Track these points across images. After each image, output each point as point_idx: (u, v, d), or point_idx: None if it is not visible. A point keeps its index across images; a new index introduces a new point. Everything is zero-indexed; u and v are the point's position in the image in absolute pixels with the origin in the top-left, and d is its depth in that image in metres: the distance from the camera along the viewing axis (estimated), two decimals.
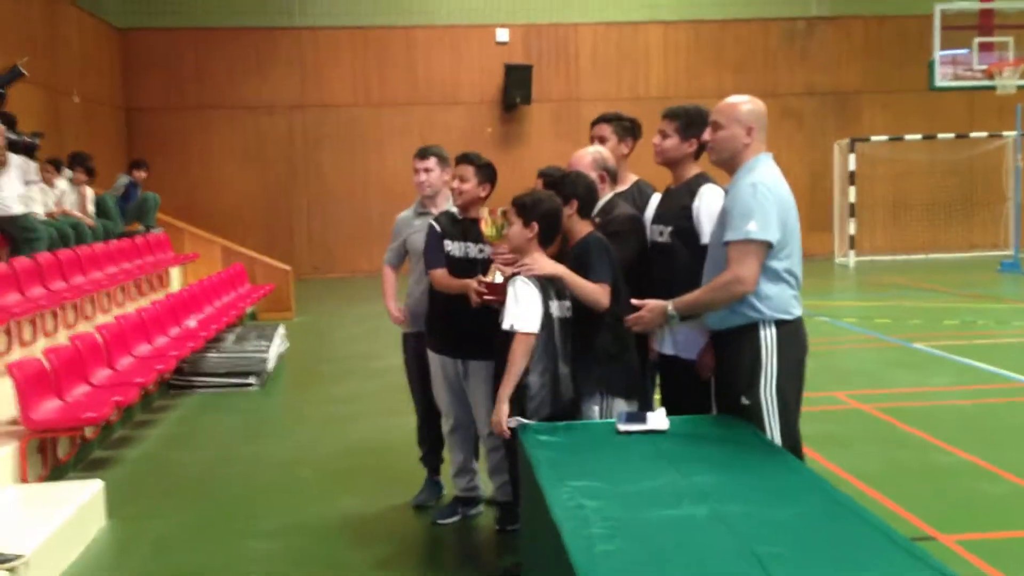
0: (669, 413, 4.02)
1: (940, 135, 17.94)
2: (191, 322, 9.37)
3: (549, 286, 3.88)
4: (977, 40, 15.90)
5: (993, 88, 15.83)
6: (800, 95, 18.66)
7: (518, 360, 3.75)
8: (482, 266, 4.75)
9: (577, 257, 4.02)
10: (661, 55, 18.69)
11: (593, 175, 4.43)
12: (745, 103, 3.71)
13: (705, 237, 4.04)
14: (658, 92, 18.58)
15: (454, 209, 4.96)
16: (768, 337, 3.56)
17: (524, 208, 3.98)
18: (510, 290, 3.88)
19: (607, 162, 4.54)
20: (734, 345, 3.62)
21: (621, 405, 4.08)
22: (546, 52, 18.54)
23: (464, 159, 4.82)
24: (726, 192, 3.77)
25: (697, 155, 4.23)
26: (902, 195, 18.62)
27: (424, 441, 5.50)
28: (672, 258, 4.14)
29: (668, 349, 4.22)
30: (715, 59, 18.67)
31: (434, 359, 4.94)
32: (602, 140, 4.86)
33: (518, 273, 4.25)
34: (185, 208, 16.19)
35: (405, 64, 18.41)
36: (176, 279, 12.13)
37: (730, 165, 3.72)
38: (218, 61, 17.99)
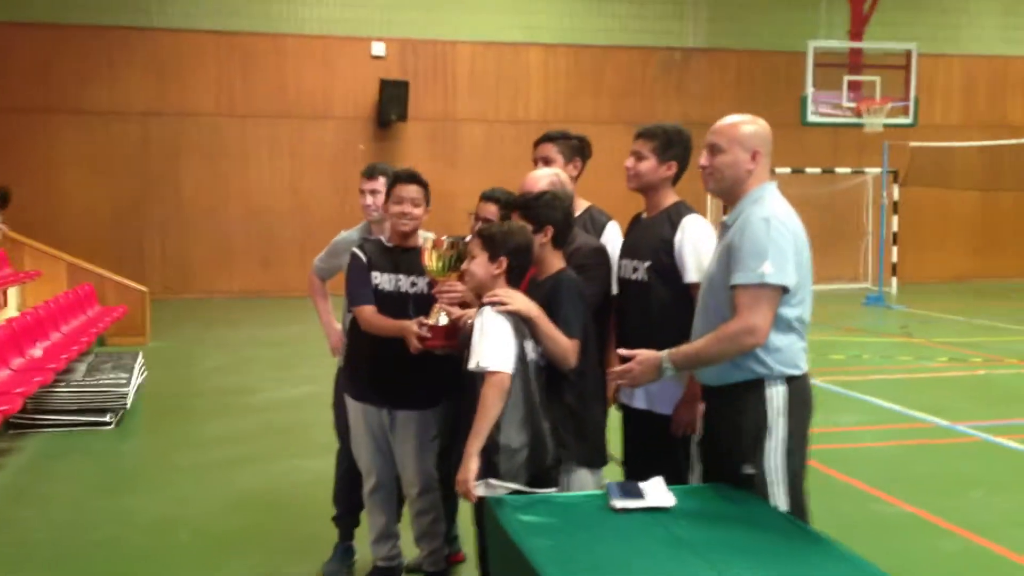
0: (633, 476, 3.50)
1: (808, 169, 18.34)
2: (36, 351, 8.24)
3: (522, 324, 3.28)
4: (847, 78, 16.30)
5: (861, 126, 16.26)
6: (676, 125, 18.69)
7: (491, 406, 3.13)
8: (415, 302, 4.11)
9: (546, 297, 3.43)
10: (541, 78, 18.40)
11: None
12: (747, 123, 3.23)
13: (690, 275, 3.54)
14: (537, 115, 18.28)
15: (381, 236, 4.30)
16: (776, 396, 3.06)
17: (492, 241, 3.37)
18: (477, 323, 3.26)
19: (566, 187, 3.98)
20: (735, 404, 3.10)
21: (585, 475, 3.52)
22: (423, 69, 17.94)
23: (412, 179, 4.15)
24: (725, 226, 3.25)
25: (675, 180, 3.74)
26: None
27: (342, 500, 4.77)
28: (648, 298, 3.62)
29: (639, 402, 3.68)
30: (594, 85, 18.53)
31: (355, 408, 4.24)
32: (547, 162, 4.31)
33: (473, 306, 3.67)
34: (25, 221, 14.67)
35: (274, 74, 17.42)
36: (14, 300, 10.82)
37: (731, 194, 3.22)
38: (65, 61, 16.53)
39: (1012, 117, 19.52)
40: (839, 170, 18.22)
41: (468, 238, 4.53)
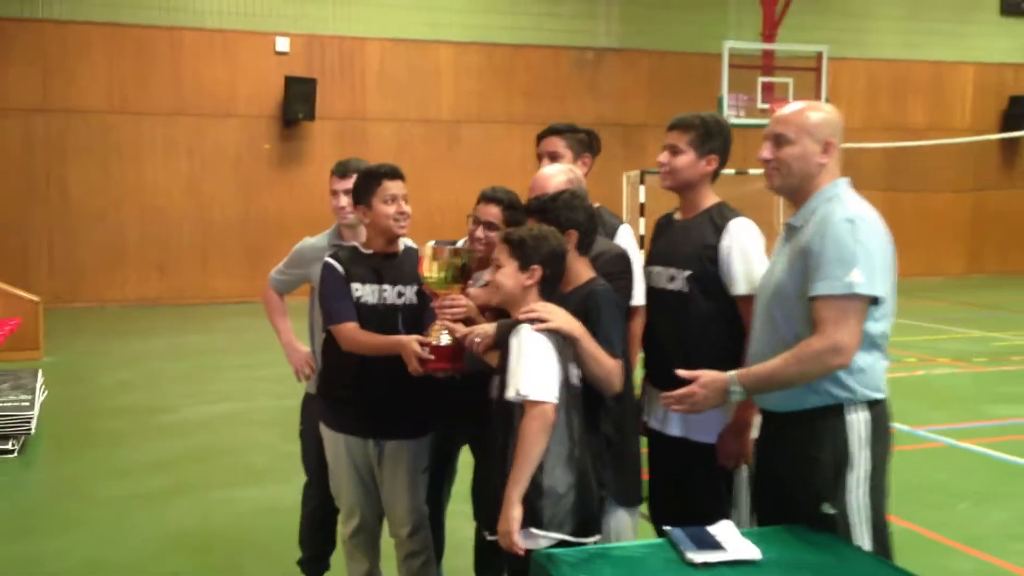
0: (662, 512, 3.10)
1: (723, 171, 18.34)
2: None
3: (565, 345, 2.82)
4: (761, 80, 16.35)
5: None
6: (589, 125, 18.37)
7: (534, 443, 2.67)
8: (404, 315, 3.60)
9: (578, 311, 2.98)
10: (452, 76, 17.88)
11: None
12: (817, 110, 2.84)
13: (738, 286, 3.15)
14: (450, 115, 17.78)
15: (355, 243, 3.77)
16: (858, 423, 2.69)
17: (522, 247, 2.91)
18: (513, 344, 2.79)
19: (582, 185, 3.53)
20: (809, 434, 2.71)
21: (624, 516, 3.08)
22: (330, 66, 17.20)
23: (399, 174, 3.64)
24: (790, 228, 2.86)
25: (714, 176, 3.34)
26: None
27: (310, 542, 4.22)
28: (687, 311, 3.21)
29: (674, 429, 3.26)
30: (507, 84, 18.12)
31: (335, 440, 3.69)
32: (553, 157, 3.86)
33: (478, 323, 3.20)
34: None
35: (170, 69, 16.42)
36: None
37: (799, 192, 2.83)
38: None
39: (912, 120, 20.00)
40: (752, 171, 18.29)
41: (460, 243, 4.06)
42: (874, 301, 2.64)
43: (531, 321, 2.79)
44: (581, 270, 3.07)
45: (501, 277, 2.93)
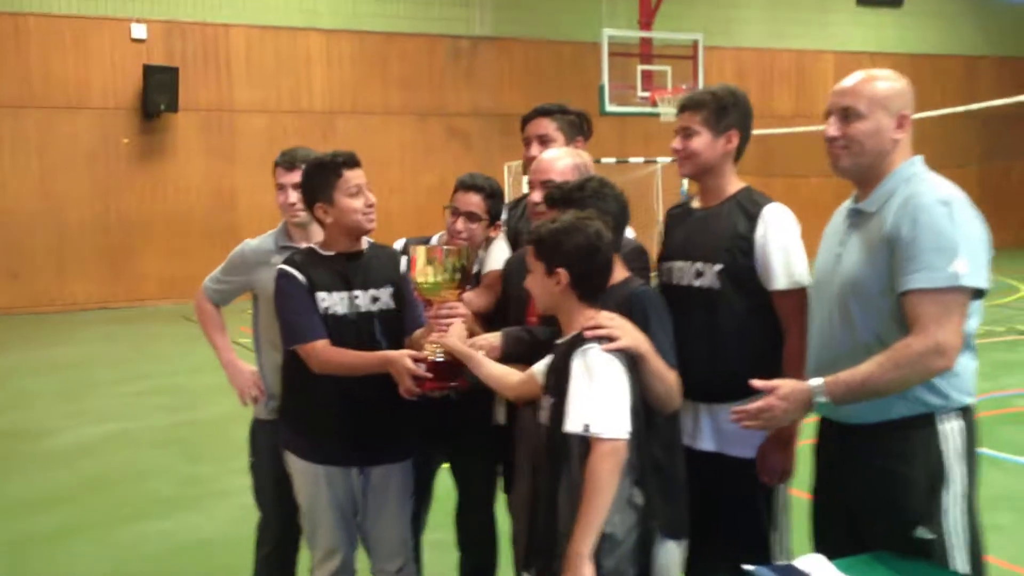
0: (700, 537, 2.79)
1: (603, 160, 18.32)
2: None
3: (633, 365, 2.43)
4: (640, 68, 16.34)
5: (656, 115, 16.36)
6: (467, 115, 18.10)
7: (606, 487, 2.28)
8: (384, 322, 3.16)
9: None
10: (324, 65, 17.15)
11: None
12: (888, 79, 2.52)
13: (777, 280, 2.84)
14: (322, 105, 17.05)
15: (312, 244, 3.28)
16: (952, 434, 2.39)
17: (542, 245, 2.49)
18: (577, 367, 2.38)
19: (591, 172, 3.16)
20: (897, 448, 2.41)
21: (673, 548, 2.74)
22: (192, 54, 16.19)
23: (353, 162, 3.17)
24: (859, 213, 2.54)
25: (737, 156, 3.01)
26: None
27: None
28: (717, 310, 2.88)
29: (706, 443, 2.94)
30: (381, 73, 17.52)
31: (310, 474, 3.18)
32: (543, 141, 3.48)
33: (477, 332, 2.81)
34: None
35: (14, 58, 15.08)
36: None
37: (870, 172, 2.51)
38: None
39: (779, 107, 20.51)
40: (632, 159, 18.34)
41: (435, 238, 3.64)
42: (978, 294, 2.35)
43: (599, 339, 2.39)
44: (615, 269, 2.70)
45: (531, 284, 2.52)
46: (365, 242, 3.25)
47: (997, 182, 21.52)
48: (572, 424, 2.32)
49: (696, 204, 3.08)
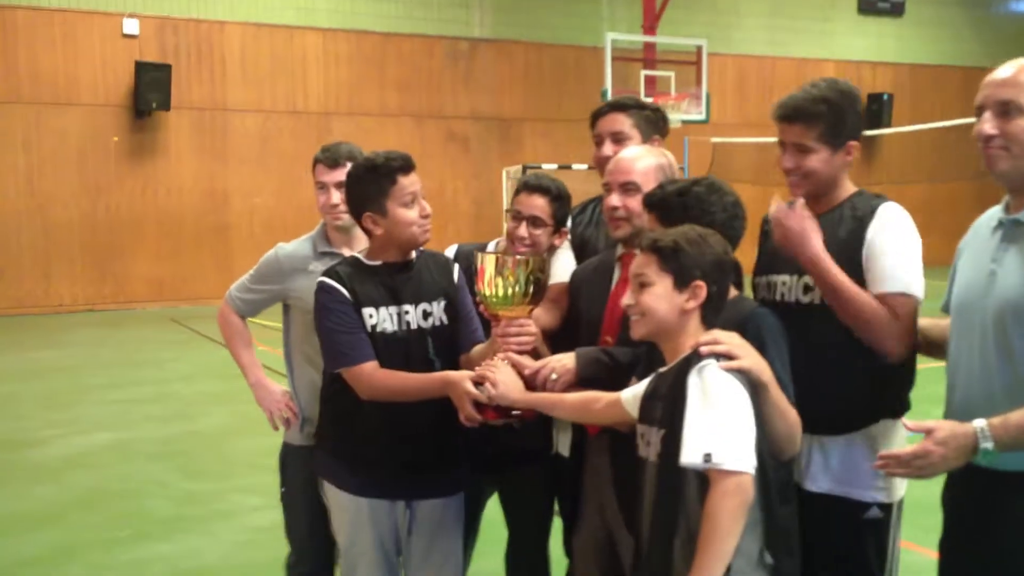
0: None
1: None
2: None
3: (754, 393, 2.09)
4: (644, 73, 16.06)
5: None
6: (465, 119, 17.77)
7: (729, 529, 1.93)
8: (437, 340, 2.82)
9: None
10: (320, 65, 16.78)
11: None
12: None
13: (880, 282, 2.46)
14: (318, 106, 16.68)
15: (356, 253, 2.93)
16: None
17: (677, 256, 2.16)
18: (693, 387, 2.04)
19: (675, 173, 2.83)
20: None
21: None
22: (186, 51, 15.79)
23: (408, 167, 2.80)
24: (1019, 224, 2.20)
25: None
26: None
27: None
28: (830, 329, 2.50)
29: (816, 483, 2.58)
30: (378, 74, 17.17)
31: (352, 508, 2.83)
32: (617, 138, 3.14)
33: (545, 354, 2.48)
34: None
35: (1, 52, 14.63)
36: None
37: None
38: None
39: None
40: None
41: (492, 245, 3.28)
42: None
43: (717, 356, 2.05)
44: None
45: (651, 299, 2.16)
46: (413, 251, 2.90)
47: (997, 194, 21.34)
48: (689, 455, 1.97)
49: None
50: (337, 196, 3.16)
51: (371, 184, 2.75)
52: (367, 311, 2.74)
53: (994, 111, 2.15)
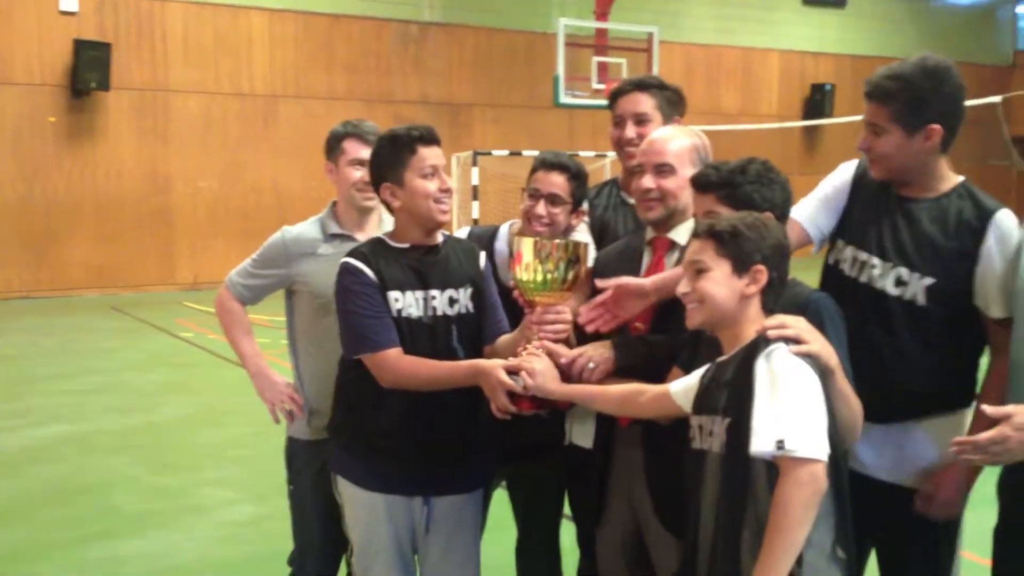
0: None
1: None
2: None
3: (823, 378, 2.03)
4: (596, 60, 16.01)
5: (609, 108, 16.03)
6: (414, 103, 17.51)
7: (803, 520, 1.86)
8: (462, 328, 2.72)
9: None
10: (266, 46, 16.37)
11: (690, 175, 2.63)
12: None
13: (999, 307, 2.38)
14: (264, 88, 16.31)
15: (380, 234, 2.81)
16: None
17: (738, 241, 2.09)
18: (761, 371, 1.97)
19: (710, 156, 2.77)
20: None
21: None
22: (125, 29, 15.27)
23: (431, 138, 2.70)
24: None
25: (945, 147, 2.48)
26: (513, 211, 18.34)
27: None
28: (914, 326, 2.44)
29: (882, 471, 2.52)
30: (326, 57, 16.83)
31: (367, 503, 2.71)
32: (639, 120, 3.06)
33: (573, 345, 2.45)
34: None
35: None
36: None
37: None
38: None
39: (726, 105, 20.44)
40: (583, 153, 18.02)
41: (504, 228, 3.19)
42: None
43: (786, 340, 1.99)
44: None
45: (709, 285, 2.09)
46: (440, 235, 2.79)
47: None
48: (760, 443, 1.90)
49: (904, 191, 2.54)
50: (358, 172, 3.07)
51: (391, 155, 2.66)
52: (393, 294, 2.63)
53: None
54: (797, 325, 2.02)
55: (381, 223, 3.15)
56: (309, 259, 3.08)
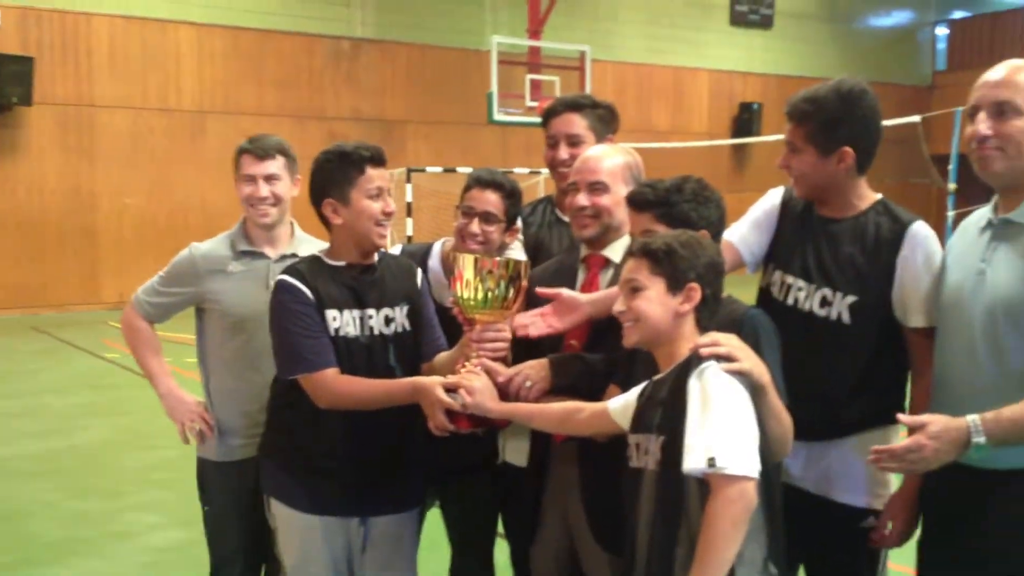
0: None
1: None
2: None
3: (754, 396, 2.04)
4: (529, 78, 16.10)
5: (541, 126, 16.11)
6: (347, 120, 17.38)
7: (732, 538, 1.87)
8: (399, 347, 2.70)
9: None
10: (195, 61, 16.11)
11: (623, 192, 2.65)
12: None
13: (917, 316, 2.42)
14: (192, 104, 16.03)
15: (318, 253, 2.78)
16: None
17: (672, 259, 2.09)
18: (694, 389, 1.97)
19: (642, 174, 2.78)
20: None
21: None
22: (49, 43, 14.89)
23: (380, 159, 2.68)
24: (1008, 224, 2.22)
25: (862, 168, 2.53)
26: (446, 228, 18.27)
27: None
28: (839, 345, 2.47)
29: (809, 483, 2.54)
30: (256, 72, 16.61)
31: (302, 525, 2.66)
32: (572, 141, 3.08)
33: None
34: None
35: None
36: None
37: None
38: None
39: (657, 123, 20.71)
40: (517, 170, 18.08)
41: (438, 245, 3.17)
42: None
43: (718, 357, 1.99)
44: None
45: (644, 304, 2.09)
46: (376, 253, 2.76)
47: None
48: (692, 460, 1.90)
49: (825, 211, 2.59)
50: (266, 189, 3.02)
51: (338, 171, 2.64)
52: (331, 313, 2.60)
53: (990, 112, 2.16)
54: (729, 343, 2.04)
55: (293, 238, 3.12)
56: (219, 277, 3.05)
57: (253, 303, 2.92)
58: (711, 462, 1.87)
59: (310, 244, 3.11)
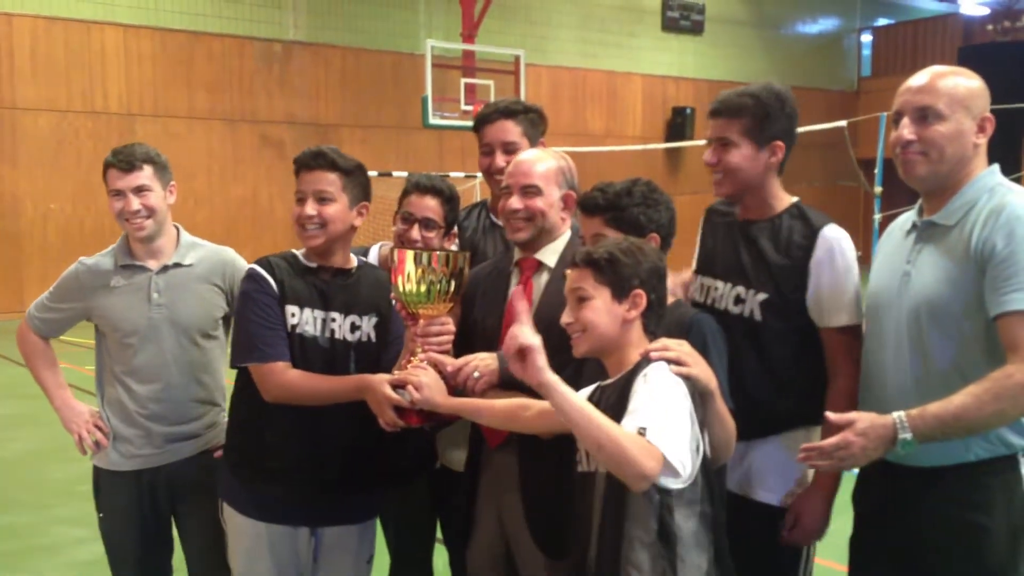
0: None
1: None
2: None
3: (698, 402, 2.06)
4: (464, 81, 16.10)
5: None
6: (280, 123, 17.17)
7: (619, 443, 1.87)
8: (360, 356, 2.70)
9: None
10: (121, 63, 15.76)
11: (557, 196, 2.66)
12: (967, 77, 2.25)
13: (830, 316, 2.47)
14: (119, 107, 15.68)
15: (296, 251, 2.75)
16: None
17: (615, 267, 2.10)
18: (641, 390, 1.98)
19: (575, 178, 2.79)
20: (972, 495, 2.16)
21: None
22: None
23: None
24: (932, 226, 2.27)
25: (781, 168, 2.61)
26: (383, 232, 18.17)
27: None
28: (757, 342, 2.52)
29: (730, 483, 2.58)
30: (186, 75, 16.32)
31: (250, 532, 2.62)
32: (507, 148, 3.08)
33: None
34: None
35: None
36: None
37: (948, 182, 2.24)
38: None
39: (592, 127, 20.86)
40: (453, 174, 18.04)
41: (374, 250, 3.16)
42: None
43: (668, 360, 2.01)
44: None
45: (591, 313, 2.09)
46: (356, 260, 2.74)
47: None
48: (626, 427, 1.91)
49: (743, 215, 2.67)
50: (137, 202, 2.95)
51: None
52: (290, 308, 2.59)
53: (912, 117, 2.22)
54: (680, 348, 2.06)
55: (179, 246, 3.06)
56: (103, 292, 3.00)
57: (136, 317, 2.93)
58: (641, 431, 1.87)
59: (198, 249, 3.09)
